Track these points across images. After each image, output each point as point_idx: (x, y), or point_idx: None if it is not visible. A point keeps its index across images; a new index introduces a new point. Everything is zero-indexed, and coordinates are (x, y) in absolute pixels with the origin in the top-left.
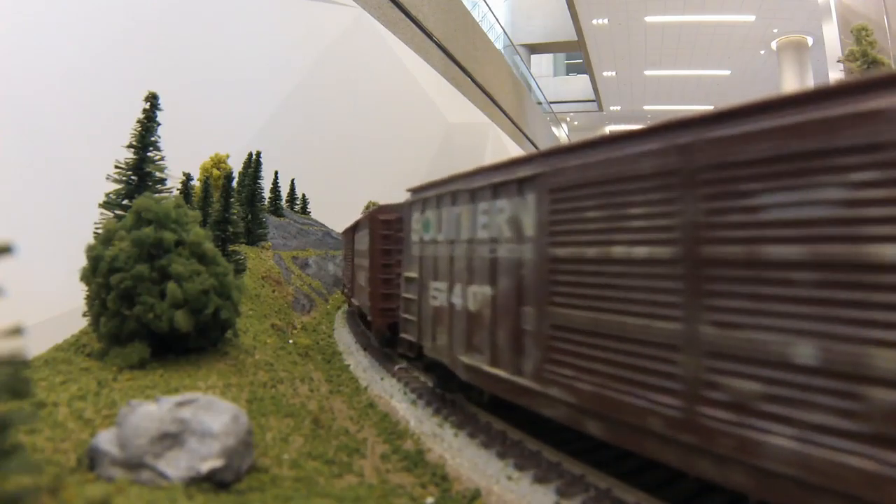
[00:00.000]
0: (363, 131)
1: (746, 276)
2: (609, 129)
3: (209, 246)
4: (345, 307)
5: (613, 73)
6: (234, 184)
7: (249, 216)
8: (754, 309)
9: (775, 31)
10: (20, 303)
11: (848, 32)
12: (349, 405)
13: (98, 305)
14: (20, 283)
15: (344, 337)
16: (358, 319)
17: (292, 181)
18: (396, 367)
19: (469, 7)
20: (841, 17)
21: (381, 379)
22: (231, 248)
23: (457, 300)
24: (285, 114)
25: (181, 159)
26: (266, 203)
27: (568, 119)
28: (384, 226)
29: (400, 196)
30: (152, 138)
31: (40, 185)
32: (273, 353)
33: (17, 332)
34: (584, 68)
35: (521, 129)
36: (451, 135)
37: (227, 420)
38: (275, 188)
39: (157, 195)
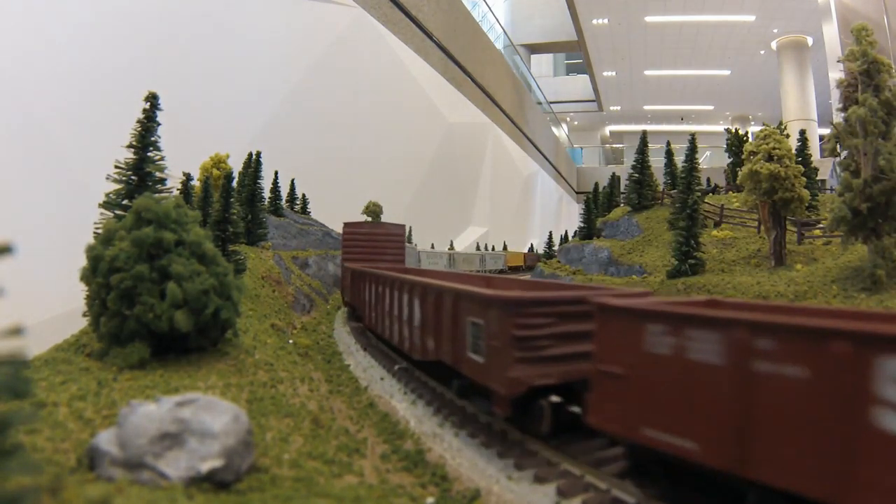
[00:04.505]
0: (363, 131)
1: None
2: (609, 129)
3: (209, 246)
4: (344, 308)
5: (613, 73)
6: (234, 184)
7: (249, 216)
8: None
9: (775, 31)
10: (20, 303)
11: (848, 32)
12: (349, 405)
13: (98, 305)
14: (20, 283)
15: (344, 337)
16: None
17: (292, 181)
18: (396, 366)
19: (469, 7)
20: (841, 17)
21: (381, 379)
22: (231, 248)
23: None
24: (285, 114)
25: (181, 159)
26: (266, 203)
27: (568, 119)
28: None
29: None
30: (152, 138)
31: (40, 185)
32: (273, 353)
33: (17, 332)
34: (584, 68)
35: (521, 129)
36: (451, 135)
37: (228, 420)
38: (275, 188)
39: (157, 195)
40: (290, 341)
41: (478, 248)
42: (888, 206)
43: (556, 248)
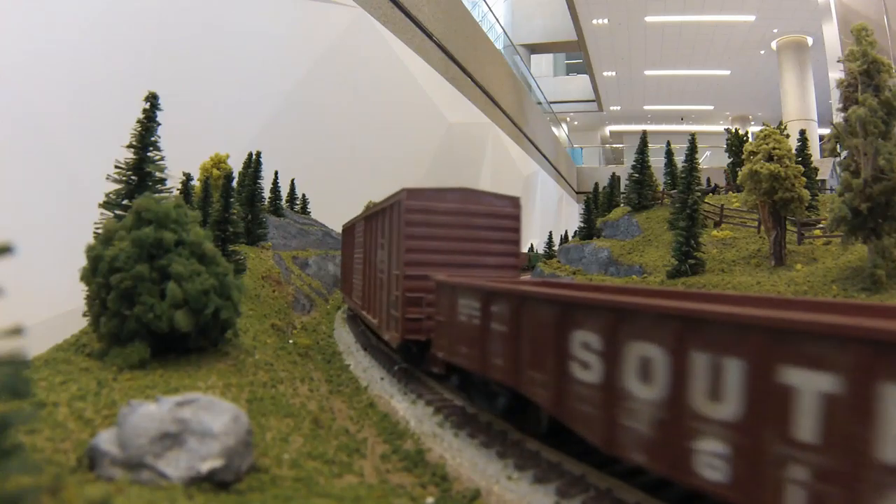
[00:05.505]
0: (363, 131)
1: None
2: (609, 129)
3: (209, 246)
4: (345, 307)
5: (613, 73)
6: (234, 184)
7: (249, 216)
8: None
9: (775, 31)
10: (20, 303)
11: (848, 32)
12: (349, 405)
13: (98, 305)
14: (20, 283)
15: (344, 337)
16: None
17: (292, 181)
18: (396, 366)
19: (469, 7)
20: (841, 17)
21: (381, 379)
22: (231, 248)
23: None
24: (285, 114)
25: (181, 159)
26: (266, 203)
27: (568, 119)
28: None
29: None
30: (152, 138)
31: (40, 184)
32: (273, 353)
33: (17, 332)
34: (584, 68)
35: (521, 129)
36: (451, 135)
37: (227, 420)
38: (275, 188)
39: (157, 195)
40: (291, 341)
41: None
42: (888, 206)
43: (555, 247)
